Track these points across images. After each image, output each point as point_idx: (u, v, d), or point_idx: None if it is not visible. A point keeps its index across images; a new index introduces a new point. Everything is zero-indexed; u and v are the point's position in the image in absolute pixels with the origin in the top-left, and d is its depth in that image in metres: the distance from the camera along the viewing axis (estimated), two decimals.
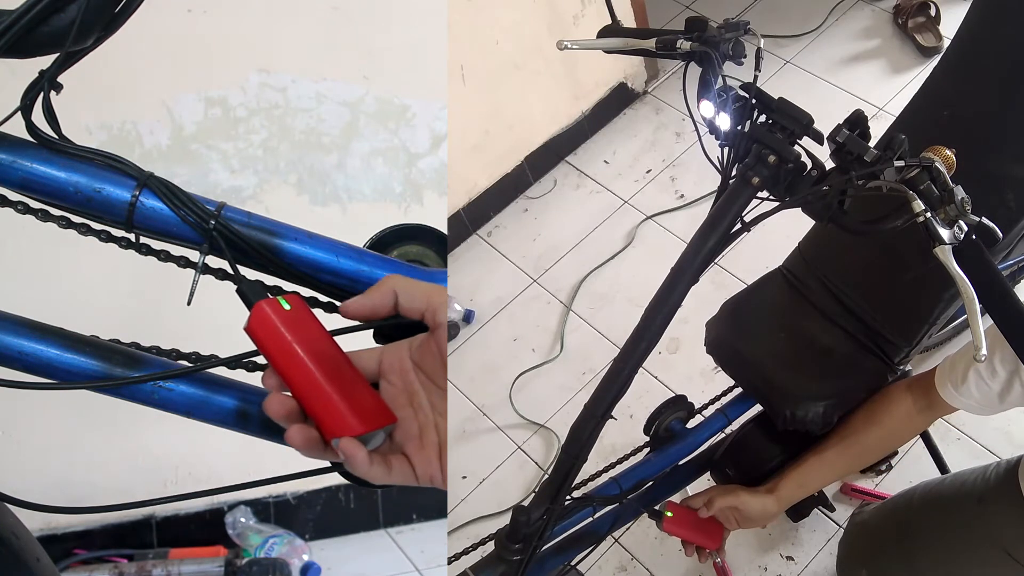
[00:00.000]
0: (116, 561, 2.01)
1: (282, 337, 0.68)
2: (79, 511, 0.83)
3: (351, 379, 0.69)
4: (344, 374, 0.69)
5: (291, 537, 2.13)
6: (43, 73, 0.74)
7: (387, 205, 2.06)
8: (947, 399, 1.19)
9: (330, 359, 0.69)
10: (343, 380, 0.68)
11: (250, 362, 0.78)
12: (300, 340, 0.68)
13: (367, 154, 2.01)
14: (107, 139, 1.79)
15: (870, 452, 1.33)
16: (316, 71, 1.90)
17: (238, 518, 2.14)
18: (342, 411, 0.66)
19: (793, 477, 1.32)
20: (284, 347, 0.68)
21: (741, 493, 1.32)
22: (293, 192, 1.97)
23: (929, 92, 1.38)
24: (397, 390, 0.70)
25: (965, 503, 1.26)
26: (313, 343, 0.68)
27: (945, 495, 1.31)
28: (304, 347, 0.68)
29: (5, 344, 0.73)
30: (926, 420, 1.28)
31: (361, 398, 0.68)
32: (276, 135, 1.92)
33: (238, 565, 2.00)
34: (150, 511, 2.10)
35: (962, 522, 1.26)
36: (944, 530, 1.29)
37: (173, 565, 2.00)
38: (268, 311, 0.69)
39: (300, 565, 2.07)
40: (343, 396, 0.66)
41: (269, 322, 0.69)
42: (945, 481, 1.34)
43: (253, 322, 0.69)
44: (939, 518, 1.30)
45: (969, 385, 1.15)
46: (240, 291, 0.73)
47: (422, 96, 2.00)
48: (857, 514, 1.49)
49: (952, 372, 1.18)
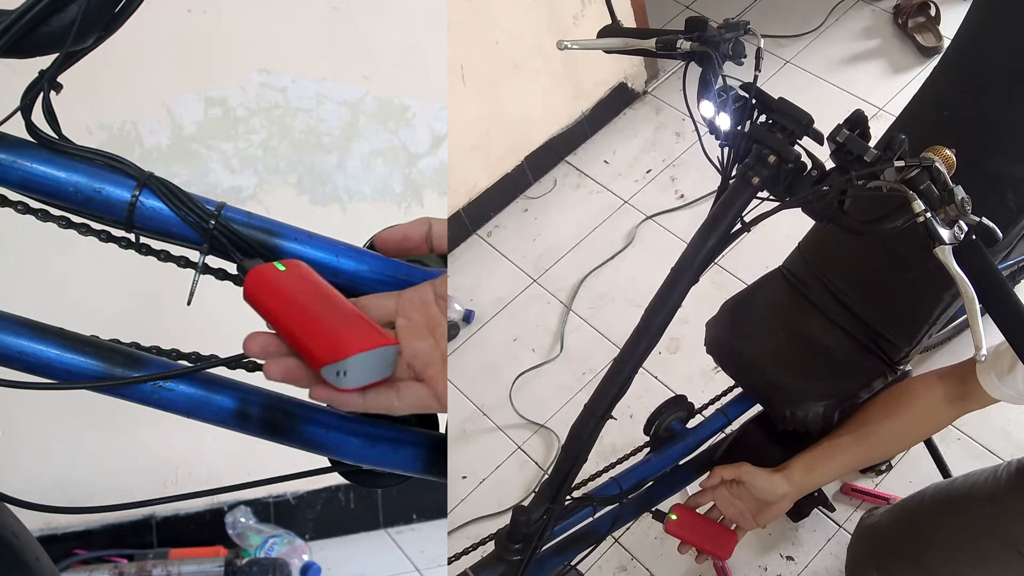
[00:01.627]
0: (116, 561, 2.01)
1: (273, 290, 0.68)
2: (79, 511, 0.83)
3: (345, 312, 0.67)
4: (337, 308, 0.67)
5: (291, 537, 2.13)
6: (43, 73, 0.74)
7: (387, 205, 2.06)
8: (988, 389, 1.16)
9: (324, 299, 0.68)
10: (334, 312, 0.66)
11: (250, 362, 0.78)
12: (293, 289, 0.68)
13: (367, 154, 2.01)
14: (107, 139, 1.79)
15: (886, 443, 1.29)
16: (316, 71, 1.90)
17: (238, 518, 2.14)
18: (331, 334, 0.63)
19: (803, 460, 1.28)
20: (279, 295, 0.67)
21: (744, 466, 1.28)
22: (293, 192, 1.97)
23: (929, 92, 1.38)
24: (417, 325, 0.71)
25: (976, 503, 1.25)
26: (308, 292, 0.68)
27: (956, 496, 1.30)
28: (296, 294, 0.67)
29: (5, 344, 0.73)
30: (954, 412, 1.24)
31: (356, 324, 0.66)
32: (276, 135, 1.92)
33: (238, 565, 2.00)
34: (150, 511, 2.10)
35: (974, 522, 1.26)
36: (956, 531, 1.28)
37: (173, 565, 2.00)
38: (264, 272, 0.69)
39: (300, 565, 2.07)
40: (333, 323, 0.65)
41: (262, 281, 0.69)
42: (955, 482, 1.33)
43: (248, 286, 0.69)
44: (950, 519, 1.29)
45: (1016, 375, 1.12)
46: (240, 267, 0.74)
47: (422, 96, 2.00)
48: (866, 517, 1.48)
49: (997, 362, 1.15)
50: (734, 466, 1.29)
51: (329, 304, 0.67)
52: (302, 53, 1.88)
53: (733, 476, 1.29)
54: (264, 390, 0.79)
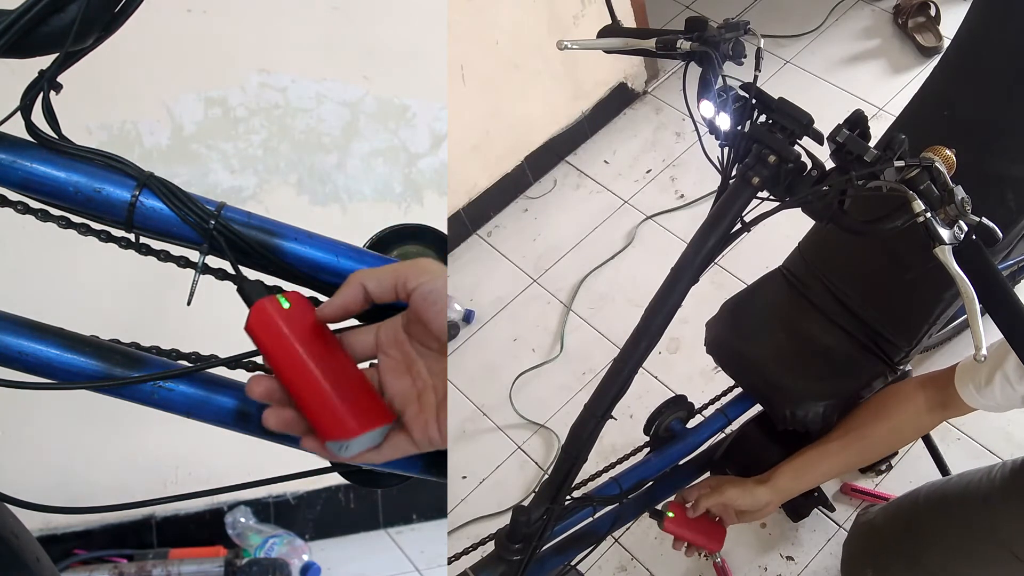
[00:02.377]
0: (116, 561, 2.01)
1: (281, 335, 0.68)
2: (79, 511, 0.83)
3: (349, 378, 0.69)
4: (343, 373, 0.68)
5: (291, 537, 2.13)
6: (43, 73, 0.74)
7: (387, 205, 2.06)
8: (967, 399, 1.17)
9: (329, 357, 0.68)
10: (341, 380, 0.68)
11: (250, 362, 0.78)
12: (299, 338, 0.68)
13: (367, 154, 2.01)
14: (107, 139, 1.79)
15: (873, 448, 1.31)
16: (316, 71, 1.90)
17: (238, 518, 2.14)
18: (338, 413, 0.66)
19: (791, 468, 1.30)
20: (283, 345, 0.68)
21: (728, 489, 1.29)
22: (293, 192, 1.97)
23: (929, 92, 1.38)
24: (395, 361, 0.70)
25: (971, 503, 1.26)
26: (312, 342, 0.68)
27: (951, 495, 1.30)
28: (303, 345, 0.68)
29: (5, 344, 0.73)
30: (935, 419, 1.26)
31: (359, 398, 0.68)
32: (276, 135, 1.92)
33: (238, 565, 2.00)
34: (150, 511, 2.10)
35: (968, 522, 1.26)
36: (950, 530, 1.28)
37: (173, 565, 2.00)
38: (269, 309, 0.69)
39: (300, 565, 2.07)
40: (340, 397, 0.66)
41: (269, 320, 0.68)
42: (951, 481, 1.34)
43: (252, 320, 0.69)
44: (945, 518, 1.29)
45: (994, 388, 1.13)
46: (241, 290, 0.73)
47: (422, 96, 2.00)
48: (862, 515, 1.49)
49: (975, 374, 1.16)
50: (715, 494, 1.30)
51: (331, 364, 0.68)
52: (302, 53, 1.88)
53: (715, 503, 1.30)
54: None
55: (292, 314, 0.69)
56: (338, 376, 0.68)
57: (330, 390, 0.67)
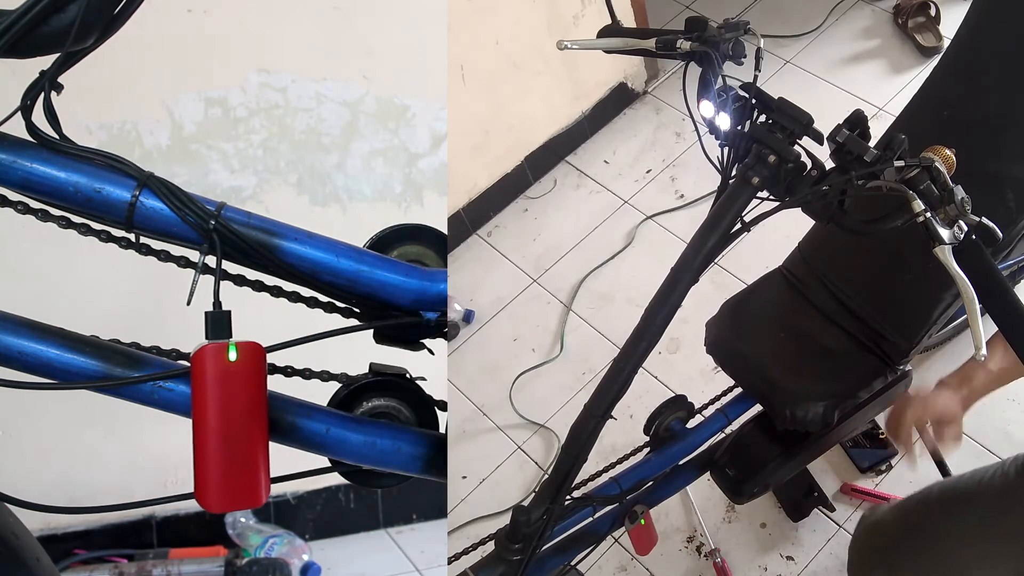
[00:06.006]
0: (116, 561, 2.01)
1: (204, 387, 0.69)
2: (79, 511, 0.83)
3: (246, 454, 0.70)
4: (243, 445, 0.69)
5: (291, 537, 2.13)
6: (43, 73, 0.74)
7: (387, 205, 2.06)
8: None
9: (241, 426, 0.69)
10: (236, 452, 0.69)
11: None
12: (222, 397, 0.69)
13: (367, 154, 2.01)
14: (107, 139, 1.79)
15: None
16: (316, 71, 1.90)
17: (238, 518, 2.14)
18: (210, 483, 0.69)
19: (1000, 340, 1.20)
20: (200, 398, 0.69)
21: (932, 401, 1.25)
22: (293, 192, 1.97)
23: (929, 92, 1.38)
24: None
25: (985, 499, 1.25)
26: (231, 404, 0.69)
27: (964, 491, 1.29)
28: (218, 406, 0.69)
29: (5, 344, 0.73)
30: None
31: (242, 476, 0.69)
32: (276, 135, 1.92)
33: (238, 565, 2.00)
34: (150, 511, 2.10)
35: (982, 518, 1.25)
36: (964, 526, 1.28)
37: (173, 565, 2.00)
38: (207, 359, 0.70)
39: (300, 565, 2.07)
40: (222, 470, 0.69)
41: (200, 370, 0.70)
42: (963, 478, 1.33)
43: (194, 362, 0.71)
44: (959, 515, 1.28)
45: None
46: (208, 316, 0.73)
47: (422, 96, 2.00)
48: (868, 515, 1.48)
49: None
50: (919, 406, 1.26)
51: (236, 433, 0.69)
52: (302, 53, 1.88)
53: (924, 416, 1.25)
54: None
55: (232, 369, 0.70)
56: (235, 448, 0.68)
57: (216, 459, 0.68)
